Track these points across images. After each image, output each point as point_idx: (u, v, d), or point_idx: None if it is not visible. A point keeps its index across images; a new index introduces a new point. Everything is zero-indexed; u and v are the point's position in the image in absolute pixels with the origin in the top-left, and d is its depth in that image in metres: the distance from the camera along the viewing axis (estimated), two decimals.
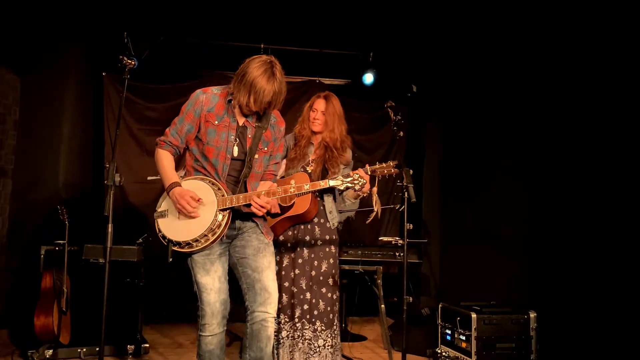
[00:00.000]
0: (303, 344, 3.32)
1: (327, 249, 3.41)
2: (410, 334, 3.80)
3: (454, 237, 5.28)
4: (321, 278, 3.37)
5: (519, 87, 4.33)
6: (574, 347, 3.58)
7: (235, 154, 2.60)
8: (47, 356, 3.62)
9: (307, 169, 3.41)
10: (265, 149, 2.68)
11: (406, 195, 2.96)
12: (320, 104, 3.47)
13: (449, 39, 5.32)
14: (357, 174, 2.64)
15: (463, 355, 3.68)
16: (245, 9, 5.16)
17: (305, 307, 3.33)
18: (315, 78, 5.89)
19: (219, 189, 2.54)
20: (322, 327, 3.33)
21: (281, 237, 3.40)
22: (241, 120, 2.64)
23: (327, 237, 3.42)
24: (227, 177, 2.61)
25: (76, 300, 3.94)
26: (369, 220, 3.08)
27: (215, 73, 5.59)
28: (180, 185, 2.55)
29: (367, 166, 2.85)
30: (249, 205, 2.57)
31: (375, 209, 2.99)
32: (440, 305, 4.02)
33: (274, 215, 3.31)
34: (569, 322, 3.65)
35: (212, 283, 2.56)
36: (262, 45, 5.42)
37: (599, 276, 3.47)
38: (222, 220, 2.52)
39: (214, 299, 2.56)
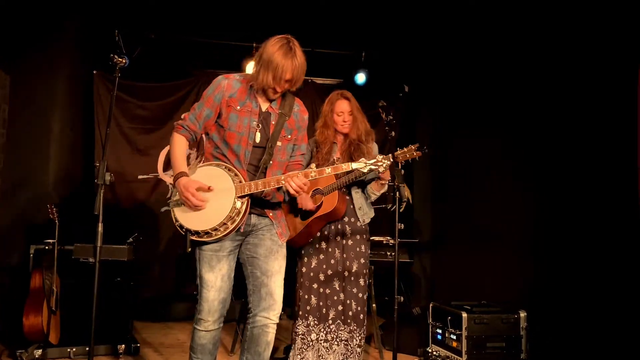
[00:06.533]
0: (339, 345, 3.28)
1: (358, 249, 3.37)
2: (401, 333, 3.82)
3: (445, 236, 5.30)
4: (353, 279, 3.33)
5: (511, 85, 4.34)
6: (564, 346, 3.60)
7: (258, 140, 2.52)
8: (37, 356, 3.59)
9: None
10: (289, 136, 2.60)
11: (397, 195, 2.97)
12: (343, 104, 3.39)
13: (441, 38, 5.34)
14: (381, 157, 2.48)
15: (454, 355, 3.70)
16: (237, 8, 5.15)
17: (340, 308, 3.31)
18: (308, 78, 5.88)
19: (236, 174, 2.44)
20: (356, 327, 3.31)
21: (310, 238, 3.36)
22: (264, 106, 2.56)
23: (358, 237, 3.38)
24: (248, 165, 2.52)
25: (66, 299, 3.91)
26: (401, 209, 3.05)
27: (206, 72, 5.55)
28: (187, 175, 2.45)
29: (390, 154, 2.87)
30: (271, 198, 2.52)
31: (407, 195, 2.97)
32: (431, 305, 4.03)
33: (304, 218, 3.29)
34: (559, 322, 3.67)
35: (214, 280, 2.52)
36: (254, 44, 5.40)
37: (589, 275, 3.49)
38: (241, 207, 2.41)
39: (213, 297, 2.52)
